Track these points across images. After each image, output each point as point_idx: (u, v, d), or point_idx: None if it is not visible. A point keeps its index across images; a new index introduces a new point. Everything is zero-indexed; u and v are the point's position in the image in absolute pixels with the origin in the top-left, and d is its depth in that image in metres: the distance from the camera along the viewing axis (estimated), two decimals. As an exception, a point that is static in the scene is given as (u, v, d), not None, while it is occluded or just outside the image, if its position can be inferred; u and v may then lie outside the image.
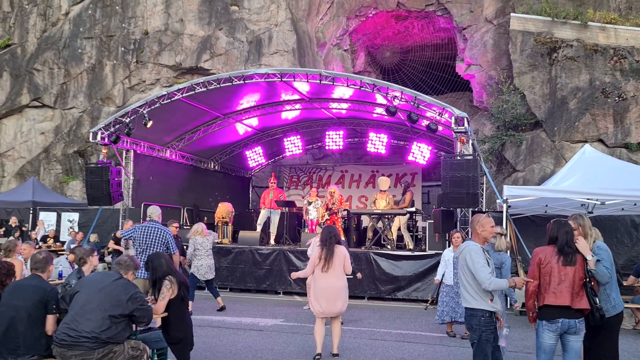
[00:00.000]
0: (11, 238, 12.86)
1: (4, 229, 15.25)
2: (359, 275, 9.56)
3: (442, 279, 8.73)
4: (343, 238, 11.39)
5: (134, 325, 4.89)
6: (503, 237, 6.98)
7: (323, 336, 6.74)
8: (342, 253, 6.65)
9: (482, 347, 4.65)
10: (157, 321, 6.13)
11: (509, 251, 7.39)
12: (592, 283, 4.58)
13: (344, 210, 14.21)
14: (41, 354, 4.63)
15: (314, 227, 14.08)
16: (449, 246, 9.26)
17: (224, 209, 14.91)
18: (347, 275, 6.80)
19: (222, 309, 10.23)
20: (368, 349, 7.57)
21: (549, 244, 4.70)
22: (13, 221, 15.48)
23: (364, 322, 9.48)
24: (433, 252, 11.95)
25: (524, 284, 4.71)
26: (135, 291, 4.72)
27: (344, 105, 15.69)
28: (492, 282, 4.56)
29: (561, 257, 4.56)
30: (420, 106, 11.72)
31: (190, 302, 9.78)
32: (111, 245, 13.39)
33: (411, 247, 13.25)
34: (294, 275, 7.38)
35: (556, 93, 16.72)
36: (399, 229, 13.69)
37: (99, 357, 4.43)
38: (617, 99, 15.92)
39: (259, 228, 14.44)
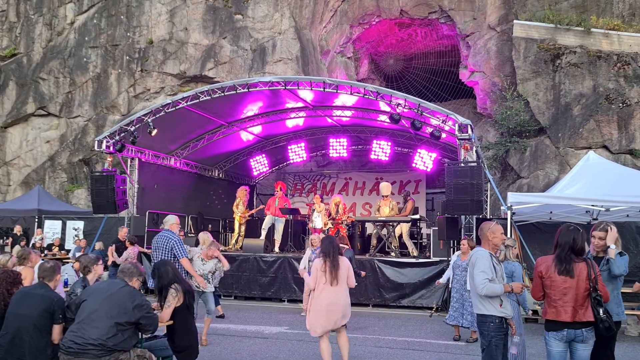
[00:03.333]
0: (17, 247, 12.91)
1: (11, 239, 15.27)
2: (363, 273, 9.58)
3: (449, 284, 8.85)
4: (349, 247, 11.35)
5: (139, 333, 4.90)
6: (511, 248, 6.88)
7: (331, 352, 6.34)
8: (345, 265, 6.25)
9: (491, 352, 4.64)
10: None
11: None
12: (598, 292, 4.51)
13: (349, 223, 14.08)
14: (47, 363, 4.65)
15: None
16: (457, 251, 9.34)
17: (240, 193, 15.10)
18: (350, 287, 6.42)
19: (221, 316, 10.38)
20: (373, 356, 7.55)
21: (554, 250, 4.67)
22: (17, 230, 15.52)
23: (369, 330, 9.46)
24: (437, 259, 11.91)
25: (522, 288, 4.71)
26: (142, 299, 4.73)
27: (348, 113, 15.72)
28: (484, 287, 4.55)
29: (558, 265, 4.49)
30: (423, 113, 11.73)
31: (219, 307, 9.86)
32: (110, 253, 11.66)
33: (415, 254, 13.23)
34: (302, 273, 7.32)
35: (560, 99, 16.72)
36: (401, 237, 13.67)
37: (105, 365, 4.43)
38: (621, 105, 15.91)
39: (263, 233, 14.41)
